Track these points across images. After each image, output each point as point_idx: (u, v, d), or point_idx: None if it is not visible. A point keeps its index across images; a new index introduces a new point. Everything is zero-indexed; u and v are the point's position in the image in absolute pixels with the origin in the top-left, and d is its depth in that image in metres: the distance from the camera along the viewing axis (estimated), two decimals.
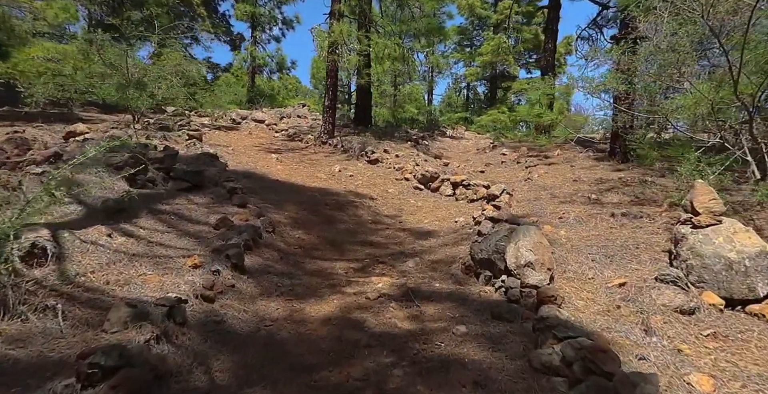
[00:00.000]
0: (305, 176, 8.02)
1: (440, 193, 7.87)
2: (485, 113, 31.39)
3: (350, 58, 10.58)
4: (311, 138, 12.28)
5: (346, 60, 10.35)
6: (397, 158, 9.75)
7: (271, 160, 9.17)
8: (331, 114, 12.03)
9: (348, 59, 10.43)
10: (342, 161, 10.08)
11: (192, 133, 8.19)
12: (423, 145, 12.77)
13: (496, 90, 33.20)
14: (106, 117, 9.09)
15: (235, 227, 4.48)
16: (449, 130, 19.35)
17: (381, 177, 8.61)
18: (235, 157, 8.61)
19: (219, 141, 10.36)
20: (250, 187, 6.33)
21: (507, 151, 10.82)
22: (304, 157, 10.39)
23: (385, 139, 12.58)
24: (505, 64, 31.97)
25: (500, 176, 8.91)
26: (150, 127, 8.25)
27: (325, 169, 9.06)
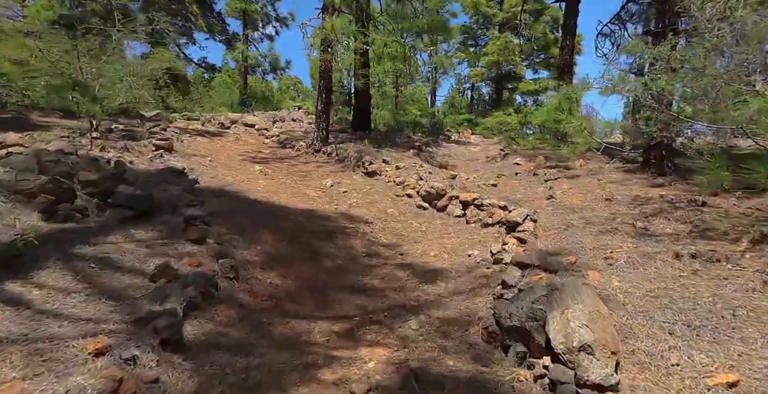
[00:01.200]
0: (291, 193, 6.89)
1: (448, 213, 6.73)
2: (490, 115, 30.35)
3: (345, 57, 9.47)
4: (303, 145, 11.16)
5: (341, 59, 9.23)
6: (398, 170, 8.61)
7: (254, 172, 8.04)
8: (325, 119, 10.91)
9: (343, 58, 9.32)
10: (336, 173, 8.95)
11: (160, 143, 7.08)
12: (427, 152, 11.63)
13: (501, 91, 32.11)
14: (65, 123, 8.01)
15: (181, 276, 3.36)
16: (454, 134, 18.23)
17: (379, 193, 7.48)
18: (212, 171, 7.48)
19: (198, 150, 9.25)
20: (219, 211, 5.20)
21: (521, 160, 9.67)
22: (293, 167, 9.26)
23: (385, 145, 11.45)
24: (511, 64, 30.85)
25: (516, 191, 7.76)
26: (112, 136, 7.15)
27: (316, 183, 7.93)
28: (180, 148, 8.87)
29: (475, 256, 4.85)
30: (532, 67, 33.53)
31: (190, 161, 7.75)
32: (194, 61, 27.82)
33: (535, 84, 31.59)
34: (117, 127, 8.50)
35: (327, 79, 10.87)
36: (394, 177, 8.22)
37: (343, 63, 9.32)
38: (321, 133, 10.85)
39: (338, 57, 9.11)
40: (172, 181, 5.55)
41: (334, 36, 8.64)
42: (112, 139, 6.99)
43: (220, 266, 3.77)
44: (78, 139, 6.67)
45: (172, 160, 6.61)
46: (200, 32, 26.05)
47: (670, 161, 7.29)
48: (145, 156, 6.72)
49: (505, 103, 32.99)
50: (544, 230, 5.11)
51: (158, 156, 6.66)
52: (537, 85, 31.66)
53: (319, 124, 10.85)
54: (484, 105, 35.35)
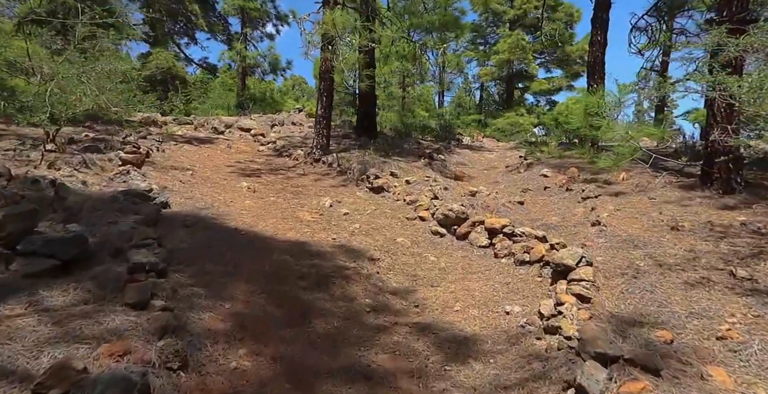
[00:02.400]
0: (281, 217, 5.72)
1: (470, 242, 5.53)
2: (501, 116, 29.05)
3: (348, 55, 8.30)
4: (302, 154, 9.99)
5: (343, 58, 8.06)
6: (409, 185, 7.42)
7: (240, 190, 6.89)
8: (325, 125, 9.74)
9: (346, 57, 8.14)
10: (336, 188, 7.77)
11: (127, 157, 5.93)
12: (439, 161, 10.43)
13: (512, 91, 30.82)
14: (25, 132, 6.90)
15: (86, 383, 2.19)
16: (466, 138, 17.01)
17: (387, 216, 6.29)
18: (190, 189, 6.33)
19: (181, 161, 8.11)
20: (184, 249, 4.04)
21: (548, 171, 8.44)
22: (288, 182, 8.09)
23: (393, 153, 10.26)
24: (523, 63, 29.57)
25: (548, 212, 6.55)
26: (72, 148, 6.02)
27: (312, 202, 6.75)
28: (159, 160, 7.74)
29: (516, 314, 3.65)
30: (544, 65, 32.22)
31: (167, 177, 6.61)
32: (195, 61, 26.83)
33: (548, 83, 30.29)
34: (86, 136, 7.39)
35: (328, 81, 9.71)
36: (404, 194, 7.02)
37: (345, 62, 8.14)
38: (321, 141, 9.68)
39: (340, 56, 7.93)
40: (130, 209, 4.40)
41: (335, 32, 7.47)
42: (70, 151, 5.87)
43: (160, 351, 2.60)
44: (27, 153, 5.56)
45: (138, 179, 5.47)
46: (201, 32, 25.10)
47: (739, 175, 6.04)
48: (108, 173, 5.59)
49: (516, 104, 31.75)
50: (605, 278, 3.89)
51: (123, 173, 5.53)
52: (550, 84, 30.38)
53: (319, 131, 9.69)
54: (494, 105, 34.12)
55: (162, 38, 23.79)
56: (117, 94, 6.52)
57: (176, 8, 23.65)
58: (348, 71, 8.13)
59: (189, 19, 24.40)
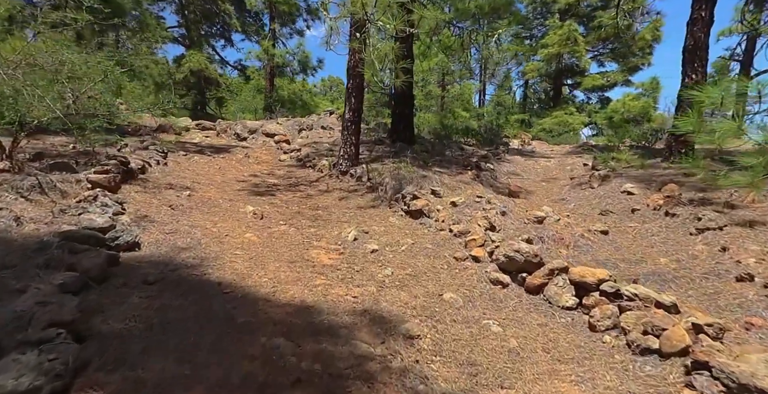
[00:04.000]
0: (287, 260, 4.28)
1: (547, 298, 3.89)
2: (548, 115, 26.76)
3: (381, 45, 6.79)
4: (327, 165, 8.59)
5: (375, 49, 6.55)
6: (455, 209, 5.82)
7: (243, 216, 5.53)
8: (354, 131, 8.28)
9: (378, 47, 6.63)
10: (364, 211, 6.29)
11: (96, 178, 4.67)
12: (488, 171, 8.75)
13: (560, 87, 28.39)
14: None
15: None
16: (513, 140, 15.15)
17: (429, 254, 4.72)
18: (178, 218, 5.02)
19: (182, 177, 6.89)
20: (124, 333, 2.67)
21: (633, 187, 6.60)
22: (307, 201, 6.69)
23: (433, 163, 8.68)
24: (574, 57, 27.10)
25: (650, 249, 4.78)
26: (34, 165, 4.85)
27: (333, 232, 5.29)
28: (156, 176, 6.54)
29: None
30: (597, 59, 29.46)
31: (154, 201, 5.34)
32: (230, 63, 26.27)
33: (602, 78, 27.61)
34: (72, 148, 6.28)
35: (357, 78, 8.24)
36: (449, 222, 5.43)
37: (378, 54, 6.62)
38: (348, 150, 8.23)
39: (371, 45, 6.43)
40: (62, 263, 3.08)
41: (364, 14, 5.97)
42: (30, 170, 4.69)
43: None
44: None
45: (100, 210, 4.18)
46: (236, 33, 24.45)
47: None
48: (68, 200, 4.37)
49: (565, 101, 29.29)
50: None
51: (88, 200, 4.29)
52: (604, 79, 27.67)
53: (347, 138, 8.24)
54: (540, 104, 31.72)
55: (197, 40, 23.28)
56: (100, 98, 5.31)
57: (210, 9, 23.05)
58: (381, 65, 6.59)
59: (225, 21, 23.79)
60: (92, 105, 5.28)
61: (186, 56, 22.37)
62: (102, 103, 5.51)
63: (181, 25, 24.29)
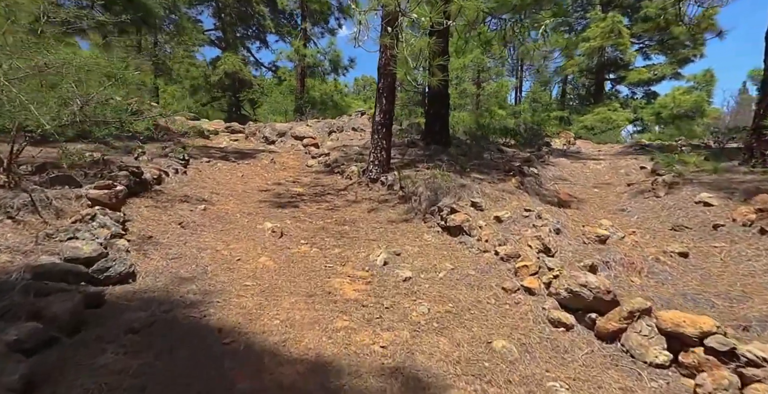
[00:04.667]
0: (305, 294, 3.65)
1: (627, 350, 3.08)
2: (589, 111, 25.22)
3: (416, 41, 6.08)
4: (356, 171, 7.96)
5: (407, 45, 5.84)
6: (500, 225, 5.04)
7: (261, 234, 4.96)
8: (385, 134, 7.59)
9: (412, 43, 5.91)
10: (396, 226, 5.60)
11: (97, 194, 4.15)
12: (532, 176, 7.87)
13: (602, 82, 26.70)
14: None
15: None
16: (555, 140, 14.06)
17: (472, 284, 3.98)
18: (187, 238, 4.51)
19: (200, 188, 6.42)
20: None
21: (711, 196, 5.59)
22: (333, 214, 6.07)
23: (472, 168, 7.90)
24: (618, 50, 25.44)
25: (751, 279, 3.85)
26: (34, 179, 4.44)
27: (360, 253, 4.63)
28: (172, 187, 6.10)
29: None
30: (642, 52, 27.49)
31: (163, 218, 4.86)
32: (264, 64, 26.23)
33: (648, 72, 25.71)
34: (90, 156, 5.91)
35: (388, 77, 7.56)
36: (494, 242, 4.66)
37: (411, 50, 5.91)
38: (379, 155, 7.56)
39: (404, 41, 5.72)
40: (27, 307, 2.56)
41: (397, 6, 5.29)
42: (27, 185, 4.27)
43: None
44: None
45: (93, 233, 3.68)
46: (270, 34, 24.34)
47: None
48: (61, 221, 3.91)
49: (608, 97, 27.55)
50: None
51: (84, 221, 3.82)
52: (651, 72, 25.76)
53: (377, 142, 7.57)
54: (580, 100, 30.04)
55: (232, 42, 23.30)
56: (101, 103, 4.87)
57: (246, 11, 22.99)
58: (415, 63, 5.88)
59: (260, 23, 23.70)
60: (101, 111, 4.83)
61: (221, 58, 22.41)
62: (114, 108, 5.06)
63: (217, 27, 24.43)
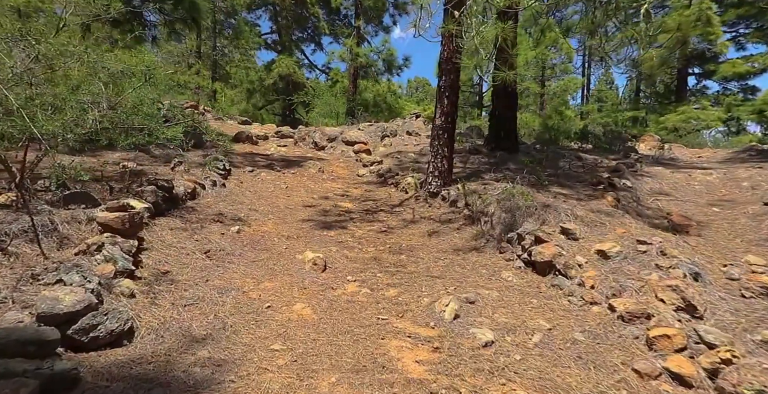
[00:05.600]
0: (352, 364, 2.67)
1: None
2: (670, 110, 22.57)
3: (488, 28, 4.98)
4: (412, 183, 6.94)
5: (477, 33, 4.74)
6: (607, 263, 3.79)
7: (300, 267, 4.06)
8: (447, 141, 6.50)
9: (481, 31, 4.81)
10: (463, 258, 4.50)
11: (107, 218, 3.38)
12: (626, 192, 6.47)
13: (686, 77, 23.83)
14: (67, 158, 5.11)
15: None
16: (641, 145, 12.27)
17: (583, 360, 2.82)
18: (213, 271, 3.70)
19: (238, 203, 5.69)
20: None
21: None
22: (386, 239, 5.08)
23: (550, 181, 6.63)
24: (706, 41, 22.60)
25: None
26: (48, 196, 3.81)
27: (421, 299, 3.60)
28: (207, 202, 5.39)
29: None
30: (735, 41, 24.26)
31: (186, 245, 4.09)
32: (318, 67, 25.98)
33: (745, 63, 22.57)
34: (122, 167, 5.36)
35: (451, 73, 6.46)
36: (603, 289, 3.45)
37: (482, 38, 4.82)
38: (440, 164, 6.49)
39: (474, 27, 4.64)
40: None
41: None
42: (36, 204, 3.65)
43: None
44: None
45: (105, 265, 2.96)
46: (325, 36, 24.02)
47: None
48: (69, 249, 3.23)
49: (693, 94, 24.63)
50: None
51: (91, 251, 3.12)
52: (749, 64, 22.59)
53: (437, 149, 6.51)
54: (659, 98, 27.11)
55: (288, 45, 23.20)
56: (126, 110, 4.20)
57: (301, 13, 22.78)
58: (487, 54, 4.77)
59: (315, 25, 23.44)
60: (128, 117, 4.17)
61: (276, 61, 22.31)
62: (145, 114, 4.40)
63: (273, 31, 24.47)
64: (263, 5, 19.95)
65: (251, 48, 25.19)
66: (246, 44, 24.01)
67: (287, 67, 21.26)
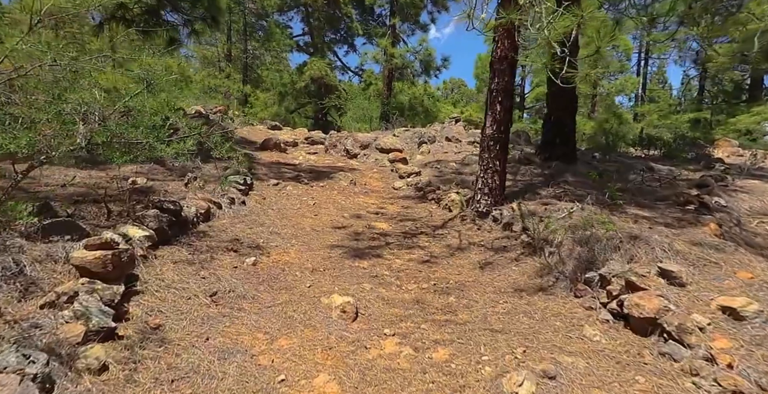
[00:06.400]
0: None
1: None
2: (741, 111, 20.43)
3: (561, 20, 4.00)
4: (457, 200, 6.03)
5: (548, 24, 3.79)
6: (740, 326, 2.77)
7: (325, 319, 3.25)
8: (499, 153, 5.55)
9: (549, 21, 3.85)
10: (528, 302, 3.56)
11: (85, 259, 2.64)
12: (725, 214, 5.29)
13: (761, 74, 21.52)
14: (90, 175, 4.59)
15: None
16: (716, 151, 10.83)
17: None
18: (216, 323, 2.96)
19: (258, 225, 4.97)
20: None
21: None
22: (428, 272, 4.21)
23: (624, 197, 5.56)
24: None
25: None
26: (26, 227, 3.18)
27: (482, 368, 2.72)
28: (221, 225, 4.71)
29: None
30: None
31: (193, 283, 3.38)
32: (351, 69, 25.46)
33: None
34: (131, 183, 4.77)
35: (504, 75, 5.50)
36: (744, 369, 2.44)
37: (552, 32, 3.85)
38: (490, 180, 5.55)
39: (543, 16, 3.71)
40: None
41: None
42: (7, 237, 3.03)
43: None
44: None
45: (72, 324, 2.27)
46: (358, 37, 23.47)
47: None
48: (35, 300, 2.56)
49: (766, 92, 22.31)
50: None
51: (59, 304, 2.42)
52: None
53: (488, 163, 5.56)
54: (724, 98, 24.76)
55: (320, 47, 22.80)
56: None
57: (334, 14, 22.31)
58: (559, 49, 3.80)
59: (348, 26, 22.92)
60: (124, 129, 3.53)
61: (307, 64, 21.90)
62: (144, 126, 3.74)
63: (305, 32, 24.16)
64: (295, 6, 19.54)
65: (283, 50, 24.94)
66: (277, 46, 23.77)
67: (319, 70, 20.77)
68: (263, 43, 21.51)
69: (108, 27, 7.31)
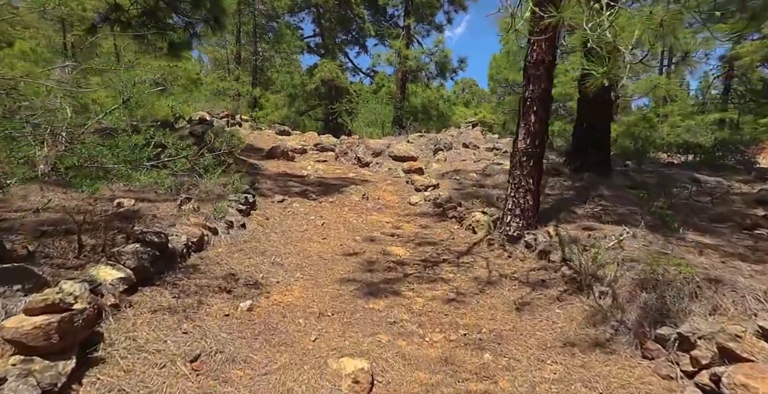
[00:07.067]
0: None
1: None
2: None
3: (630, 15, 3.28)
4: (483, 221, 5.34)
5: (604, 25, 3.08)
6: None
7: (333, 391, 2.60)
8: (533, 170, 4.83)
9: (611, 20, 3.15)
10: (584, 363, 2.86)
11: (16, 333, 1.95)
12: None
13: None
14: None
15: None
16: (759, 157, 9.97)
17: None
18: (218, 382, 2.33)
19: (258, 251, 4.35)
20: None
21: None
22: (455, 317, 3.53)
23: (681, 219, 4.82)
24: None
25: None
26: None
27: None
28: (214, 255, 4.09)
29: None
30: None
31: (171, 343, 2.77)
32: (362, 70, 24.85)
33: None
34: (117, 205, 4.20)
35: (541, 81, 4.77)
36: None
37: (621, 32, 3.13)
38: (522, 200, 4.84)
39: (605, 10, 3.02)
40: None
41: None
42: None
43: None
44: None
45: None
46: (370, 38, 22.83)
47: None
48: None
49: None
50: None
51: None
52: None
53: (520, 181, 4.86)
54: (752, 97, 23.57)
55: (331, 48, 22.24)
56: None
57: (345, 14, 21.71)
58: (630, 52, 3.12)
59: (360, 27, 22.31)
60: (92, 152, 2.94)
61: (318, 65, 21.34)
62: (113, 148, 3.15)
63: (316, 34, 23.61)
64: (306, 7, 18.99)
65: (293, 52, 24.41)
66: (288, 48, 23.25)
67: (330, 72, 20.20)
68: (273, 44, 21.02)
69: (102, 30, 6.79)
